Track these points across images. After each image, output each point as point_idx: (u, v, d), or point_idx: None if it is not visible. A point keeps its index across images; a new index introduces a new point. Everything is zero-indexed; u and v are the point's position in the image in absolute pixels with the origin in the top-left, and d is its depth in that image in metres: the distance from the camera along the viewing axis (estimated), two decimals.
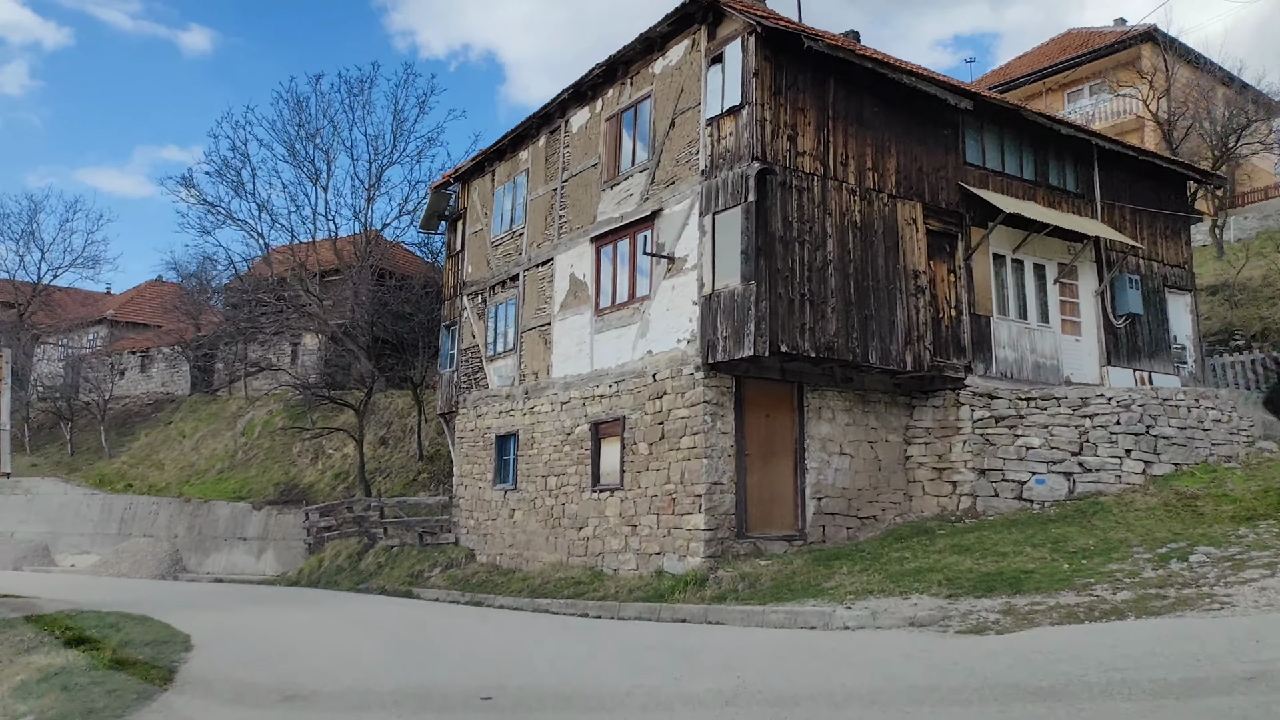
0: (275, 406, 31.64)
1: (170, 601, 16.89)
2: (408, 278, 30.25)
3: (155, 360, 39.69)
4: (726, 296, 12.74)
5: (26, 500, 31.58)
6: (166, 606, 15.85)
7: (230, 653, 9.93)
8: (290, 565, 23.41)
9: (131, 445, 34.19)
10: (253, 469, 28.64)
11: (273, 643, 10.73)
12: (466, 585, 16.68)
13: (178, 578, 24.96)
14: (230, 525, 25.59)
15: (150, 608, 15.39)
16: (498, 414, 18.33)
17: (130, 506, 28.47)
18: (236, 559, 25.03)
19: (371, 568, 19.80)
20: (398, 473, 25.00)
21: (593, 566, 14.76)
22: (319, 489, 25.75)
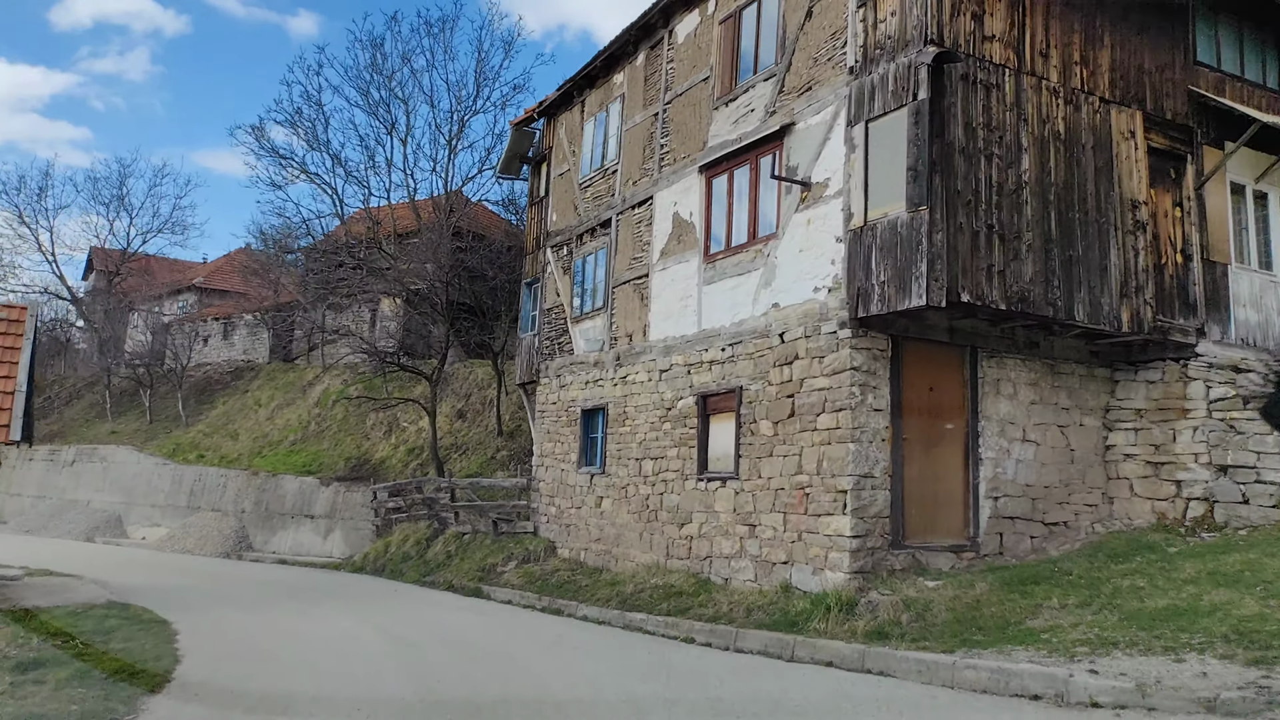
0: (350, 375, 29.75)
1: (207, 593, 14.79)
2: (489, 239, 27.82)
3: (237, 327, 38.54)
4: (885, 229, 9.59)
5: (103, 468, 30.58)
6: (197, 600, 13.70)
7: (215, 689, 7.40)
8: (357, 547, 21.30)
9: (209, 414, 32.93)
10: (325, 441, 26.76)
11: (281, 673, 8.20)
12: (545, 586, 14.02)
13: (241, 557, 23.20)
14: (297, 501, 23.71)
15: (178, 601, 13.28)
16: (584, 384, 15.58)
17: (200, 478, 26.98)
18: (303, 538, 23.13)
19: (440, 557, 17.38)
20: (474, 449, 22.63)
21: (697, 573, 11.88)
22: (391, 465, 23.61)
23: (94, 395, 38.03)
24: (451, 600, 14.17)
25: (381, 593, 15.12)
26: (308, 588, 15.89)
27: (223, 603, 13.49)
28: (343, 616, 11.78)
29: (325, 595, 14.61)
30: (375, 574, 18.42)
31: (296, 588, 15.91)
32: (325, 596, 14.39)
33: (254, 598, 14.22)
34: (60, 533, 28.17)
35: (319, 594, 14.80)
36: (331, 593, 15.01)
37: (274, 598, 14.07)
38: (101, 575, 17.88)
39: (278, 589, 15.74)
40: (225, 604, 13.31)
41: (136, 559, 22.32)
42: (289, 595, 14.52)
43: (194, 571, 19.35)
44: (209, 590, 15.43)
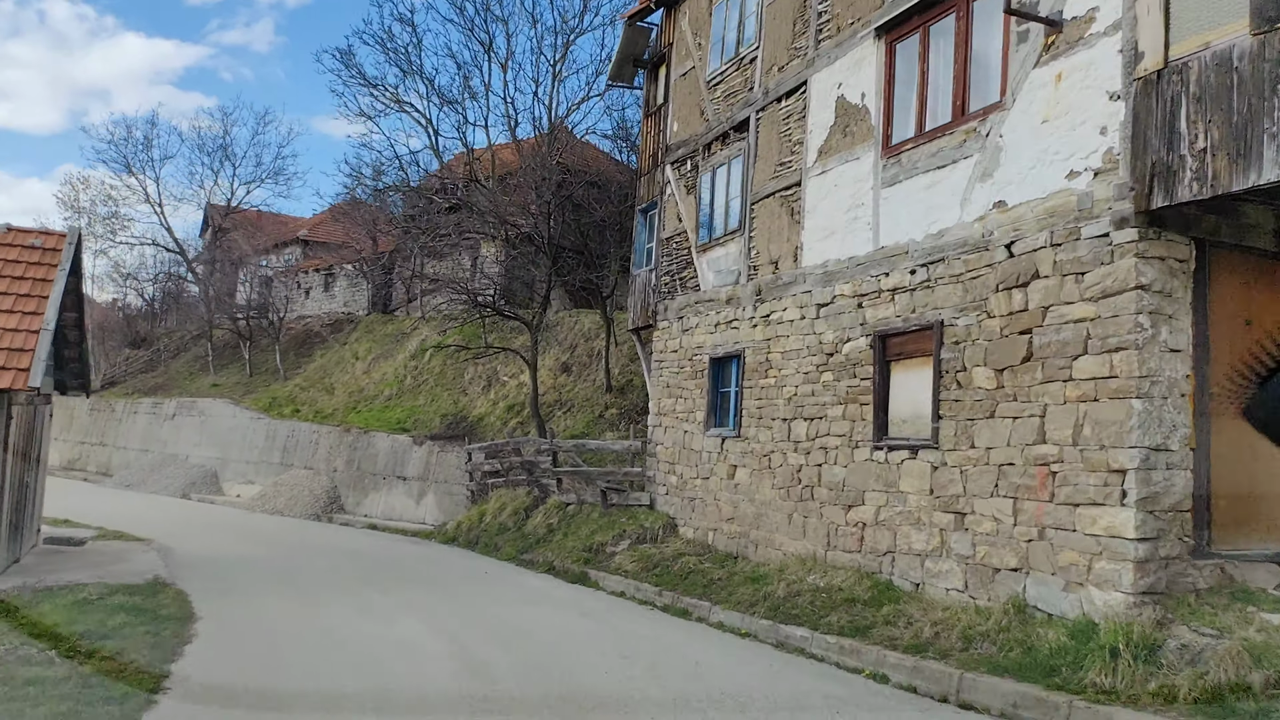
0: (448, 326, 27.62)
1: (270, 570, 12.65)
2: (596, 175, 24.98)
3: (337, 278, 37.16)
4: (1207, 68, 6.18)
5: (200, 422, 29.54)
6: (252, 580, 11.52)
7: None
8: (451, 514, 19.09)
9: (307, 367, 31.54)
10: (421, 396, 24.72)
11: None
12: (665, 575, 11.23)
13: (331, 519, 21.39)
14: (390, 461, 21.70)
15: (230, 581, 11.13)
16: (712, 326, 12.61)
17: (293, 434, 25.40)
18: (395, 501, 21.12)
19: (540, 530, 14.85)
20: (580, 407, 20.03)
21: (872, 573, 8.85)
22: (489, 423, 21.30)
23: (199, 348, 37.39)
24: (551, 589, 11.55)
25: (469, 574, 12.65)
26: (386, 564, 13.58)
27: (280, 585, 11.24)
28: (411, 615, 9.24)
29: (403, 576, 12.22)
30: (468, 546, 16.09)
31: (374, 564, 13.64)
32: (402, 579, 11.98)
33: (319, 578, 11.94)
34: (158, 488, 27.22)
35: (396, 574, 12.42)
36: (411, 573, 12.62)
37: (342, 578, 11.75)
38: (173, 540, 16.17)
39: (353, 565, 13.50)
40: (281, 587, 11.05)
41: (221, 520, 20.76)
42: (361, 575, 12.18)
43: (273, 537, 17.48)
44: (275, 565, 13.31)
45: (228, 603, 9.52)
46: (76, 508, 22.27)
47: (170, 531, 17.70)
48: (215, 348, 36.23)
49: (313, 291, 38.15)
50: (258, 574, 12.21)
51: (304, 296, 38.29)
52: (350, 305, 36.07)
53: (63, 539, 15.99)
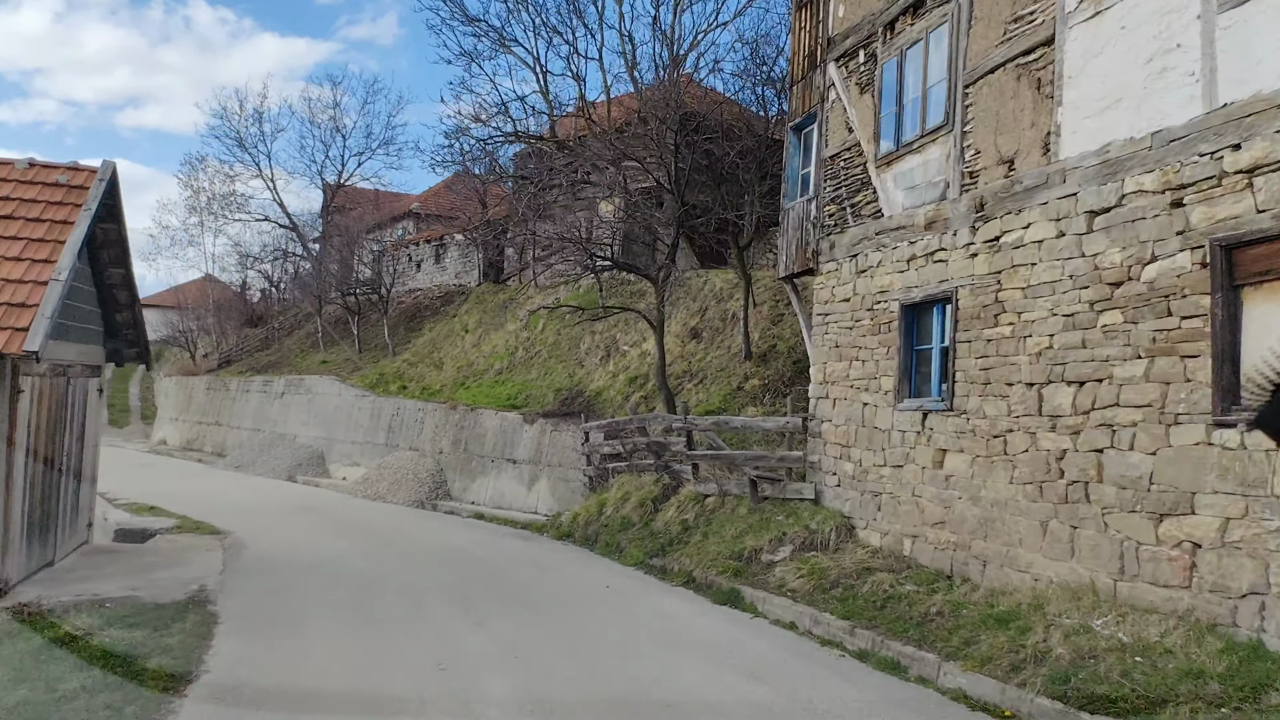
0: (563, 293, 25.07)
1: (345, 576, 10.21)
2: (724, 122, 21.77)
3: (448, 248, 35.31)
4: None
5: (307, 400, 28.09)
6: (310, 596, 9.07)
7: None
8: (566, 502, 16.49)
9: (415, 342, 29.70)
10: (533, 370, 22.25)
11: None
12: (851, 601, 8.13)
13: (436, 506, 19.16)
14: (498, 442, 19.28)
15: (286, 597, 8.72)
16: (903, 263, 9.35)
17: (398, 413, 23.41)
18: (504, 487, 18.69)
19: (673, 528, 11.95)
20: (714, 378, 17.02)
21: (1218, 624, 5.52)
22: (608, 398, 18.57)
23: (312, 326, 36.30)
24: (695, 616, 8.61)
25: (588, 590, 9.85)
26: (487, 572, 10.93)
27: (348, 606, 8.72)
28: (504, 673, 6.44)
29: (504, 593, 9.50)
30: (585, 544, 13.38)
31: (472, 572, 11.02)
32: (503, 597, 9.27)
33: (401, 594, 9.37)
34: (265, 469, 25.85)
35: (497, 590, 9.71)
36: (515, 588, 9.89)
37: (429, 597, 9.11)
38: (255, 532, 14.19)
39: (448, 572, 10.94)
40: (347, 611, 8.51)
41: (318, 506, 18.83)
42: (454, 590, 9.53)
43: (367, 529, 15.26)
44: (355, 571, 10.90)
45: (261, 642, 7.01)
46: (174, 492, 20.88)
47: (256, 522, 15.77)
48: (326, 324, 35.02)
49: (424, 264, 36.52)
50: (328, 586, 9.78)
51: (415, 269, 36.73)
52: (461, 277, 34.15)
53: (135, 531, 14.19)
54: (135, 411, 44.63)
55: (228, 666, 6.11)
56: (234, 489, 21.83)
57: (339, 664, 6.52)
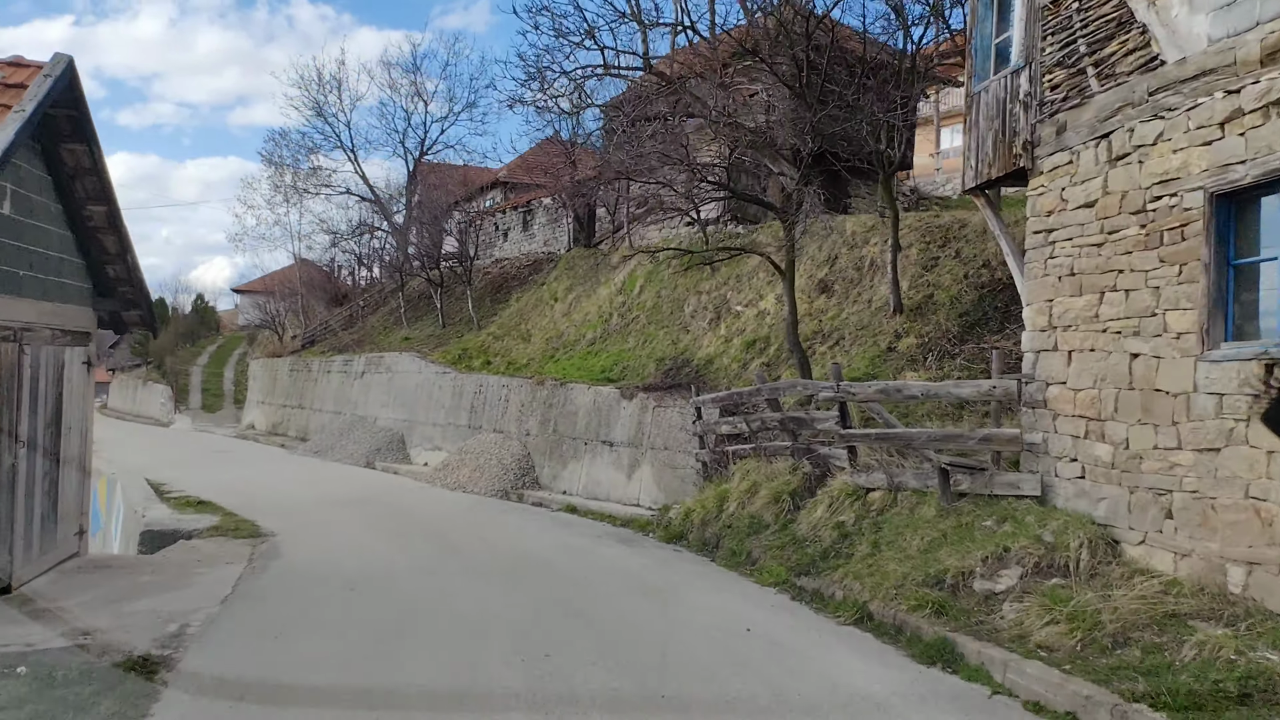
0: (663, 253, 22.04)
1: (405, 600, 7.40)
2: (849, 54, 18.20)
3: (536, 214, 32.75)
4: None
5: (387, 379, 25.92)
6: (366, 624, 6.23)
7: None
8: (674, 492, 13.52)
9: (502, 314, 27.18)
10: (630, 337, 19.31)
11: None
12: (1166, 673, 4.85)
13: (522, 497, 16.47)
14: (591, 421, 16.42)
15: (329, 624, 5.93)
16: (1213, 128, 5.90)
17: (480, 390, 20.85)
18: (600, 473, 15.82)
19: (826, 535, 8.78)
20: (853, 339, 13.71)
21: None
22: (721, 366, 15.47)
23: (395, 301, 34.34)
24: (902, 690, 5.44)
25: (719, 638, 6.75)
26: (579, 597, 7.97)
27: (364, 657, 5.90)
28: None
29: (601, 638, 6.51)
30: (703, 551, 10.38)
31: (559, 598, 8.09)
32: (599, 646, 6.28)
33: (447, 637, 6.52)
34: (343, 455, 23.77)
35: (582, 633, 6.71)
36: (616, 627, 6.89)
37: (483, 646, 6.19)
38: (304, 534, 11.86)
39: (525, 599, 8.06)
40: (359, 666, 5.70)
41: (388, 498, 16.39)
42: (520, 634, 6.57)
43: (436, 531, 12.64)
44: (400, 592, 8.16)
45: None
46: (237, 482, 18.82)
47: (309, 519, 13.37)
48: (409, 299, 32.98)
49: (511, 233, 34.10)
50: (354, 622, 7.02)
51: (501, 239, 34.38)
52: (551, 244, 31.54)
53: (164, 534, 11.91)
54: (228, 396, 43.89)
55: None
56: (302, 478, 19.70)
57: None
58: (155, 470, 21.32)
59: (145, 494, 15.88)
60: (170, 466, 22.22)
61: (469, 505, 15.46)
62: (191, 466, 22.22)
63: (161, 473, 20.66)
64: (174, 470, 21.14)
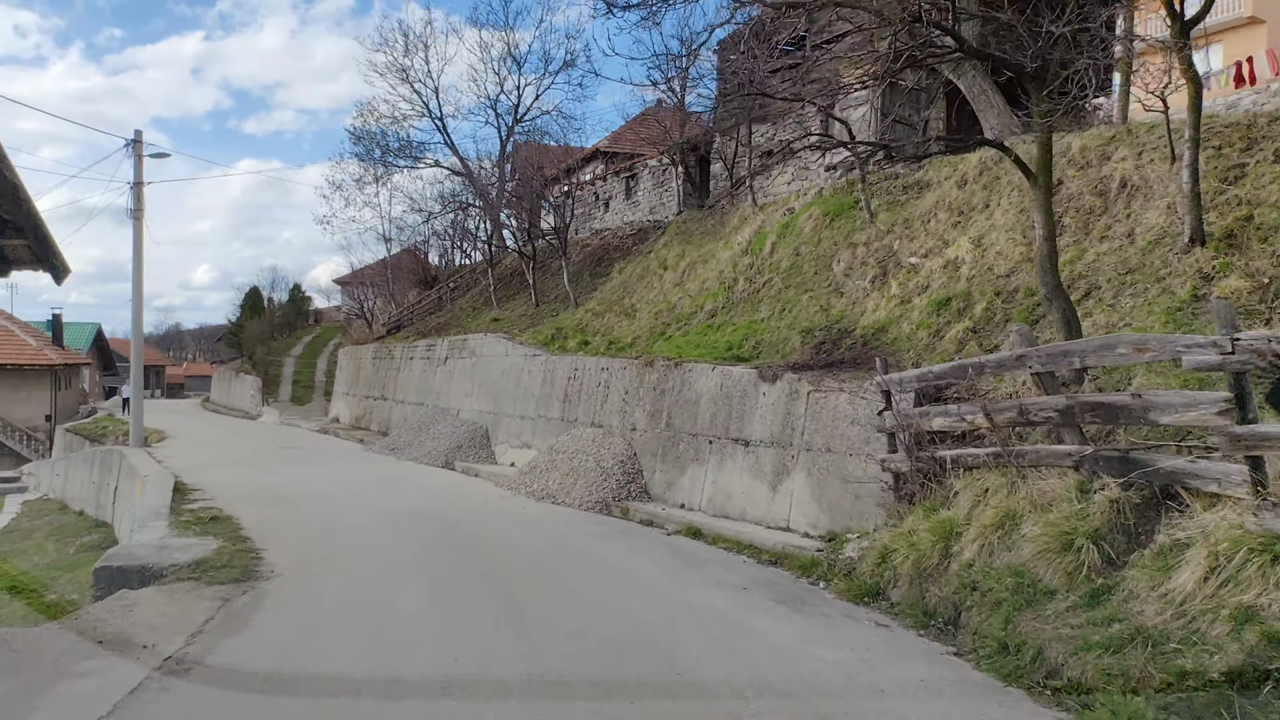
0: (800, 203, 17.74)
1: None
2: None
3: (640, 179, 28.82)
4: None
5: (471, 365, 22.45)
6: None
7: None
8: (844, 515, 9.31)
9: (602, 289, 23.38)
10: (762, 306, 15.10)
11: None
12: None
13: (626, 512, 12.52)
14: (718, 412, 12.29)
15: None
16: None
17: (575, 375, 17.02)
18: (731, 482, 11.67)
19: (1221, 628, 4.48)
20: (1114, 287, 9.15)
21: None
22: (900, 336, 11.11)
23: (486, 281, 31.04)
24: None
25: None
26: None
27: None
28: None
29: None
30: (925, 628, 6.19)
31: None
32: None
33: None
34: (420, 453, 20.41)
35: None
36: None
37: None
38: (314, 572, 8.30)
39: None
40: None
41: (458, 512, 12.73)
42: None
43: (501, 566, 8.78)
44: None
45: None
46: (287, 487, 15.54)
47: (338, 546, 9.77)
48: (500, 277, 29.59)
49: (612, 201, 30.33)
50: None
51: (602, 209, 30.67)
52: (657, 211, 27.56)
53: (131, 571, 8.42)
54: (319, 388, 41.70)
55: None
56: (364, 482, 16.32)
57: None
58: (208, 470, 18.45)
59: (158, 505, 12.65)
60: (225, 466, 19.31)
61: (558, 525, 11.58)
62: (248, 466, 19.24)
63: (212, 473, 17.74)
64: (226, 471, 18.18)
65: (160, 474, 16.47)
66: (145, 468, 18.06)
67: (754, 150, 21.71)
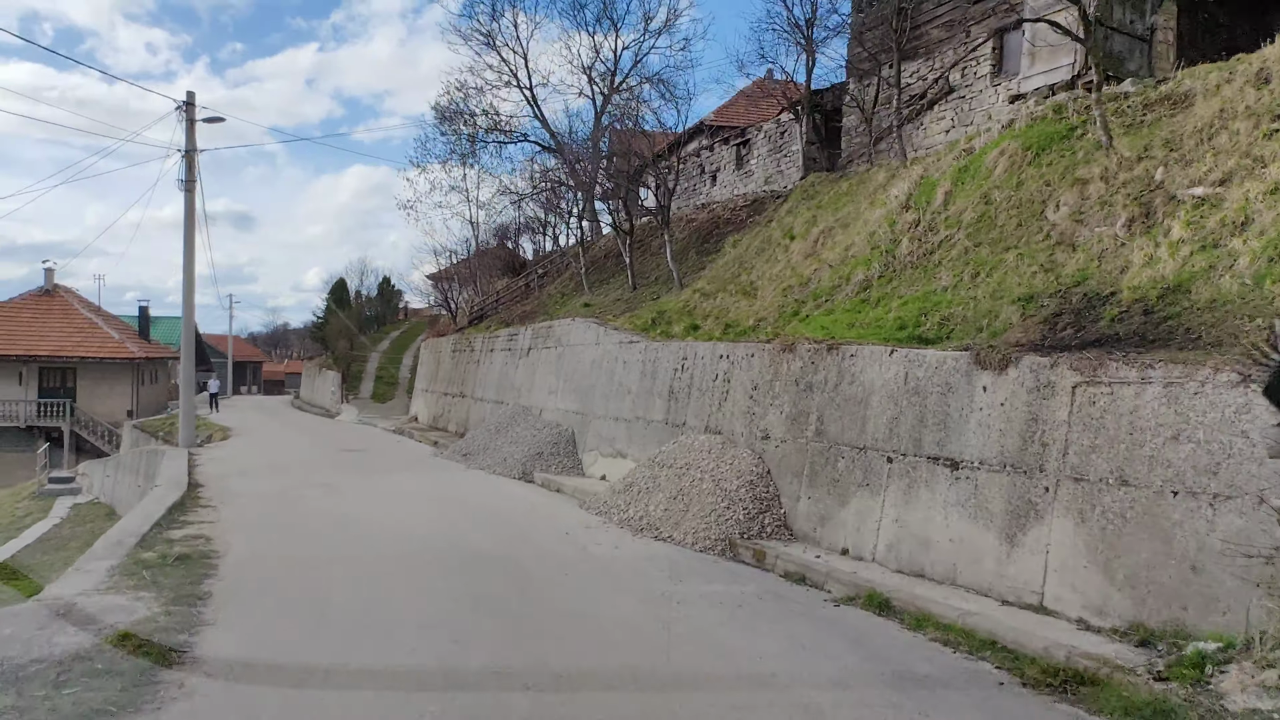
0: (984, 140, 13.53)
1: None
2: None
3: (754, 147, 24.90)
4: None
5: (556, 356, 18.98)
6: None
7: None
8: (1167, 600, 5.32)
9: (711, 266, 19.58)
10: (940, 272, 10.98)
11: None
12: None
13: (762, 557, 8.69)
14: (901, 415, 8.36)
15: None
16: None
17: (684, 365, 13.27)
18: (928, 523, 7.73)
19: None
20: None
21: None
22: (1213, 296, 6.97)
23: (576, 266, 27.63)
24: None
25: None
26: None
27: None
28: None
29: None
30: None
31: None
32: None
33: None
34: (494, 460, 17.03)
35: None
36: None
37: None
38: (281, 681, 4.34)
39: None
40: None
41: (524, 552, 9.14)
42: None
43: (571, 672, 5.03)
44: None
45: None
46: (321, 505, 12.37)
47: (328, 617, 6.18)
48: (592, 261, 26.11)
49: (720, 173, 26.53)
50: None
51: (708, 183, 26.93)
52: (773, 181, 23.61)
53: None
54: (402, 384, 39.16)
55: None
56: (417, 503, 12.96)
57: None
58: (244, 477, 15.56)
59: (130, 531, 9.48)
60: (266, 473, 16.32)
61: (663, 580, 7.82)
62: (292, 473, 16.21)
63: (245, 482, 14.83)
64: (263, 479, 15.15)
65: (173, 483, 13.48)
66: (167, 473, 15.19)
67: (903, 93, 17.52)
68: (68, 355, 36.87)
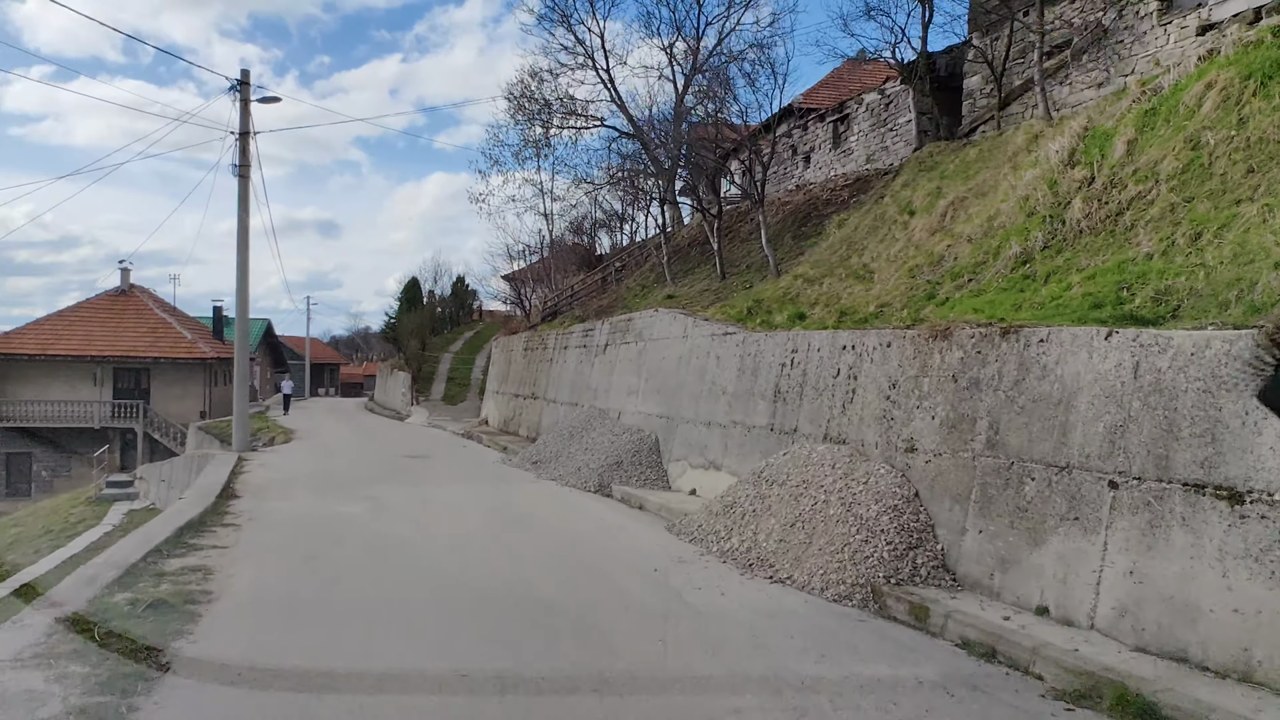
0: (1172, 78, 10.90)
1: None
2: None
3: (853, 123, 22.42)
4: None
5: (636, 352, 16.87)
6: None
7: None
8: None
9: (810, 251, 17.23)
10: (1138, 236, 8.47)
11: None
12: None
13: (921, 614, 6.37)
14: (1127, 424, 5.99)
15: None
16: None
17: (793, 359, 10.98)
18: (1188, 579, 5.36)
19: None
20: None
21: None
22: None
23: (658, 257, 25.53)
24: None
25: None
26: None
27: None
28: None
29: None
30: None
31: None
32: None
33: None
34: (566, 470, 15.01)
35: None
36: None
37: None
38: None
39: None
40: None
41: (591, 601, 6.97)
42: None
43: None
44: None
45: None
46: (356, 528, 10.48)
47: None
48: (675, 250, 23.95)
49: (814, 154, 24.13)
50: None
51: (801, 165, 24.55)
52: (876, 159, 21.11)
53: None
54: (474, 386, 37.64)
55: None
56: (472, 523, 10.99)
57: None
58: (290, 486, 14.03)
59: (118, 560, 7.69)
60: (315, 482, 14.61)
61: (794, 656, 5.58)
62: (342, 484, 14.46)
63: (292, 492, 13.22)
64: (307, 493, 13.42)
65: (200, 495, 11.81)
66: (201, 482, 13.59)
67: (1044, 40, 14.86)
68: (141, 355, 36.41)
